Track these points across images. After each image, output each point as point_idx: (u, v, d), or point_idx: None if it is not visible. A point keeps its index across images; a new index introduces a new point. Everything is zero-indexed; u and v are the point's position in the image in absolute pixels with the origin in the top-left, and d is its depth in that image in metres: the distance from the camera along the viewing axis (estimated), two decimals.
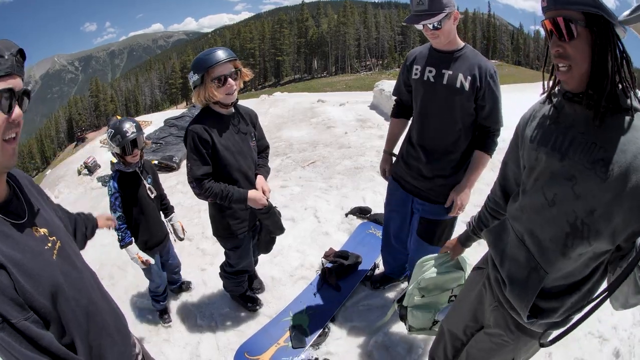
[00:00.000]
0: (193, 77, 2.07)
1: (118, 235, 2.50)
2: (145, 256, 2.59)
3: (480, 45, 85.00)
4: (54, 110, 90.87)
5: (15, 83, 0.93)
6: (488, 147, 2.35)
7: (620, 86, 1.08)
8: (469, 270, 2.02)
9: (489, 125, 2.30)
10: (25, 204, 1.08)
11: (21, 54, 0.96)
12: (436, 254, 2.14)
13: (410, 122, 2.60)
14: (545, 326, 1.38)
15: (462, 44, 2.25)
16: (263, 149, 2.54)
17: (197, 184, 2.16)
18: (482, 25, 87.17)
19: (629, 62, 1.07)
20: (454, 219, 2.61)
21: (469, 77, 2.18)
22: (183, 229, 2.95)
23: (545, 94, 1.29)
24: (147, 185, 2.61)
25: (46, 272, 1.03)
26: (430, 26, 2.08)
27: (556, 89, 1.26)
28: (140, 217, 2.60)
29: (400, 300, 2.33)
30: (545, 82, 1.27)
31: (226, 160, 2.21)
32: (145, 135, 2.62)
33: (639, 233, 1.07)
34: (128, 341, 1.39)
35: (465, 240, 1.89)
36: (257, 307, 3.03)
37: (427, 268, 2.12)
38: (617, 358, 2.60)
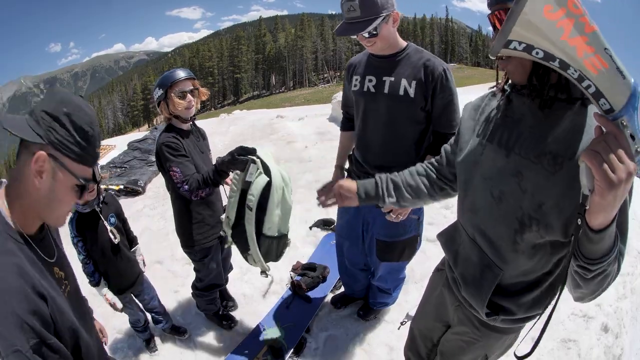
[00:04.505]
0: (158, 93, 2.23)
1: (86, 276, 2.33)
2: (113, 299, 2.40)
3: (439, 50, 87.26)
4: None
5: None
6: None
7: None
8: (269, 160, 1.98)
9: (442, 130, 2.03)
10: (54, 244, 1.10)
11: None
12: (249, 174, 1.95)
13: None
14: (510, 322, 1.38)
15: (404, 44, 2.00)
16: None
17: (187, 184, 2.15)
18: (440, 30, 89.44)
19: None
20: (415, 236, 2.38)
21: (414, 82, 1.93)
22: (144, 262, 2.71)
23: (497, 88, 1.28)
24: (109, 228, 2.35)
25: (67, 311, 1.04)
26: (366, 34, 1.86)
27: (508, 83, 1.23)
28: (105, 264, 2.39)
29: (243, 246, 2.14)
30: (500, 78, 1.25)
31: (196, 168, 2.28)
32: (108, 162, 2.55)
33: None
34: None
35: (365, 194, 1.61)
36: (232, 324, 3.03)
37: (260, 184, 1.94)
38: (606, 332, 2.66)
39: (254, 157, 1.98)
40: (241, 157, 2.03)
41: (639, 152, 0.80)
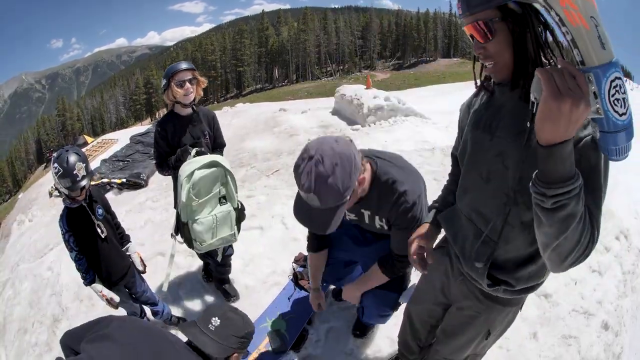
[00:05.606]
0: (163, 82, 2.62)
1: (80, 274, 2.39)
2: (109, 294, 2.42)
3: (442, 44, 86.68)
4: (23, 132, 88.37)
5: None
6: (387, 266, 2.05)
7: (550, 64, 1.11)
8: (226, 164, 2.54)
9: (395, 251, 1.98)
10: None
11: None
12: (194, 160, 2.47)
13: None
14: (511, 293, 1.43)
15: (370, 178, 1.80)
16: (218, 146, 2.99)
17: (157, 165, 2.82)
18: (444, 25, 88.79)
19: (552, 36, 1.07)
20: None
21: (384, 219, 1.92)
22: (142, 261, 2.76)
23: (478, 87, 1.37)
24: (97, 222, 2.39)
25: None
26: None
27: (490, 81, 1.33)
28: (95, 255, 2.42)
29: (177, 231, 2.69)
30: (477, 78, 1.34)
31: (178, 146, 2.71)
32: (110, 155, 2.58)
33: None
34: None
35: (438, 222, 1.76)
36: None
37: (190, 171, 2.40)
38: (607, 330, 2.67)
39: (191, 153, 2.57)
40: (185, 154, 2.59)
41: (599, 113, 0.82)
